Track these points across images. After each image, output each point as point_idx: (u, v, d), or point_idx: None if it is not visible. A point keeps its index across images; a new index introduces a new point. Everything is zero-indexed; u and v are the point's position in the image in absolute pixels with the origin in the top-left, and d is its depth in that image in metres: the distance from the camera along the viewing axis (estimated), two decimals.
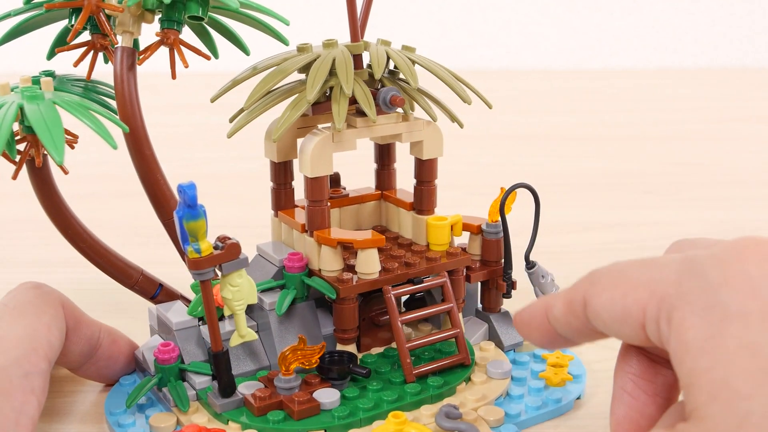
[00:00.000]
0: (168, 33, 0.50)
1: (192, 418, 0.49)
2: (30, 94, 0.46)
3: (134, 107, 0.51)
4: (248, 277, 0.49)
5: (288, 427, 0.47)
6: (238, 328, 0.50)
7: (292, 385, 0.49)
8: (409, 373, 0.51)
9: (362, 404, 0.49)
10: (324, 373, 0.50)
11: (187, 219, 0.44)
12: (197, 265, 0.45)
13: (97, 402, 0.53)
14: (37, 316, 0.47)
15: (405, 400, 0.50)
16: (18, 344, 0.44)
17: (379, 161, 0.60)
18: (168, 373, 0.50)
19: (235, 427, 0.48)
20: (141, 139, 0.51)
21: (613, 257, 0.78)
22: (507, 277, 0.57)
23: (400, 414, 0.46)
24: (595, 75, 1.66)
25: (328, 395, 0.49)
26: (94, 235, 0.55)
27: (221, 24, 0.55)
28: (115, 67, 0.51)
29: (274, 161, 0.56)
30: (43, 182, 0.52)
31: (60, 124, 0.44)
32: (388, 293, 0.51)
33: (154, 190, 0.53)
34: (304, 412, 0.48)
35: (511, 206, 0.57)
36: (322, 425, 0.48)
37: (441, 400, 0.50)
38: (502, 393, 0.52)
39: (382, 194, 0.61)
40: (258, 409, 0.48)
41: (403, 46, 0.55)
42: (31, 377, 0.43)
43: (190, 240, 0.45)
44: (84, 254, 0.55)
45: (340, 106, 0.50)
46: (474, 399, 0.50)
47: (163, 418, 0.49)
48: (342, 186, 0.61)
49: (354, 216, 0.60)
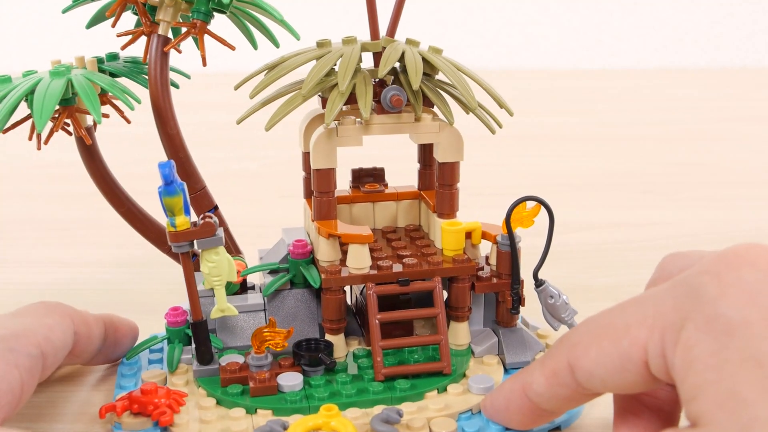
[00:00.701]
0: (195, 23, 0.53)
1: (173, 379, 0.52)
2: (54, 71, 0.52)
3: (165, 91, 0.55)
4: (227, 255, 0.51)
5: (240, 402, 0.49)
6: (218, 303, 0.52)
7: (262, 364, 0.50)
8: (378, 371, 0.51)
9: (318, 393, 0.49)
10: (297, 358, 0.51)
11: (165, 195, 0.47)
12: (174, 238, 0.49)
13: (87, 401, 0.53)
14: (38, 318, 0.47)
15: (362, 397, 0.49)
16: (7, 326, 0.45)
17: (422, 161, 0.60)
18: (174, 335, 0.53)
19: (201, 393, 0.51)
20: (167, 118, 0.55)
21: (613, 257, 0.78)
22: (514, 292, 0.54)
23: (333, 407, 0.47)
24: (595, 75, 1.66)
25: (290, 379, 0.50)
26: (134, 201, 0.59)
27: (251, 15, 0.57)
28: (150, 52, 0.55)
29: (303, 152, 0.57)
30: (89, 151, 0.57)
31: (54, 99, 0.50)
32: (370, 289, 0.51)
33: (183, 165, 0.56)
34: (258, 390, 0.49)
35: (533, 220, 0.54)
36: (271, 405, 0.49)
37: (402, 403, 0.49)
38: (472, 408, 0.49)
39: (420, 194, 0.60)
40: (223, 380, 0.51)
41: (430, 47, 0.54)
42: (15, 353, 0.43)
43: (168, 215, 0.48)
44: (124, 217, 0.59)
45: (334, 102, 0.51)
46: (435, 408, 0.49)
47: (154, 373, 0.53)
48: (385, 182, 0.61)
49: (389, 212, 0.61)
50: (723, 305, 0.34)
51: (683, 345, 0.35)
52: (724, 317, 0.34)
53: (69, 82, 0.51)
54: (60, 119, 0.53)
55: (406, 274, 0.53)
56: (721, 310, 0.34)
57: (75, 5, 0.56)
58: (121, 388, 0.52)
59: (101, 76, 0.53)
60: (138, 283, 0.70)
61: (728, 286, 0.35)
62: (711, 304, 0.34)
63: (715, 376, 0.33)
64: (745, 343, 0.33)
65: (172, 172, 0.47)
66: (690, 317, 0.35)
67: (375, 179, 0.61)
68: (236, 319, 0.54)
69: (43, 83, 0.50)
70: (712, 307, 0.34)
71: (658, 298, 0.38)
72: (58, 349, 0.47)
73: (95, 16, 0.57)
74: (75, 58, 0.55)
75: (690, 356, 0.34)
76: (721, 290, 0.35)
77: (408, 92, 0.53)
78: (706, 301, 0.35)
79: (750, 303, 0.34)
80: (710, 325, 0.34)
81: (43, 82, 0.51)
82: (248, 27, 0.57)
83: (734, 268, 0.35)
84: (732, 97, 1.49)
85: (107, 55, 0.58)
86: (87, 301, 0.65)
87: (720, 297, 0.34)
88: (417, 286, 0.52)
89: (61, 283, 0.71)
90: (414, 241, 0.58)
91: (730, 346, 0.33)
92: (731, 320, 0.34)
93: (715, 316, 0.34)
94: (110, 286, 0.70)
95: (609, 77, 1.64)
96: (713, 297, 0.35)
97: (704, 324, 0.34)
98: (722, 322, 0.34)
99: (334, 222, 0.53)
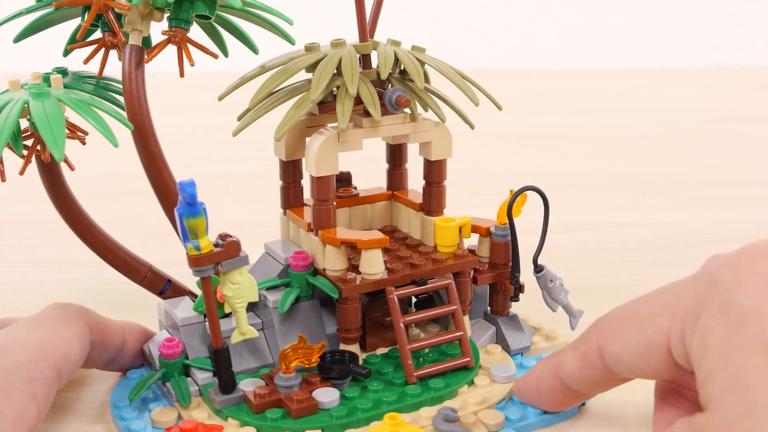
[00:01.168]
0: (176, 31, 0.51)
1: (192, 414, 0.49)
2: (36, 92, 0.46)
3: (141, 104, 0.51)
4: (249, 275, 0.49)
5: (285, 426, 0.47)
6: (239, 326, 0.50)
7: (292, 384, 0.49)
8: (410, 374, 0.51)
9: (361, 404, 0.49)
10: (325, 372, 0.50)
11: (187, 216, 0.44)
12: (197, 262, 0.46)
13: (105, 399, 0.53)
14: (56, 330, 0.47)
15: (404, 402, 0.49)
16: (26, 349, 0.44)
17: (391, 161, 0.60)
18: (172, 368, 0.50)
19: (234, 424, 0.48)
20: (148, 136, 0.52)
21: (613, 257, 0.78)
22: (514, 281, 0.56)
23: (397, 415, 0.46)
24: (595, 75, 1.66)
25: (328, 395, 0.49)
26: (103, 231, 0.56)
27: (230, 23, 0.55)
28: (123, 64, 0.51)
29: (282, 160, 0.56)
30: (53, 178, 0.53)
31: (62, 121, 0.45)
32: (391, 294, 0.51)
33: (161, 186, 0.54)
34: (301, 411, 0.48)
35: (521, 209, 0.56)
36: (319, 424, 0.48)
37: (441, 403, 0.50)
38: (504, 397, 0.51)
39: (393, 194, 0.61)
40: (257, 406, 0.48)
41: (413, 47, 0.55)
42: (34, 383, 0.43)
43: (190, 237, 0.45)
44: (93, 249, 0.55)
45: (345, 106, 0.50)
46: (475, 402, 0.50)
47: (164, 412, 0.49)
48: (353, 185, 0.61)
49: (364, 216, 0.60)
50: (738, 295, 0.35)
51: (700, 332, 0.36)
52: (738, 306, 0.35)
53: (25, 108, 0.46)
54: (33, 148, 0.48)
55: (418, 274, 0.53)
56: (735, 299, 0.35)
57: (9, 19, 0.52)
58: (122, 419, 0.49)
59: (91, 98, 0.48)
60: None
61: (745, 276, 0.36)
62: (727, 293, 0.36)
63: (725, 362, 0.34)
64: (756, 330, 0.34)
65: (195, 193, 0.44)
66: (706, 306, 0.36)
67: (344, 183, 0.60)
68: (235, 343, 0.52)
69: (36, 108, 0.45)
70: (727, 296, 0.36)
71: (681, 289, 0.39)
72: (74, 365, 0.47)
73: (27, 29, 0.53)
74: (32, 75, 0.49)
75: (705, 342, 0.36)
76: (738, 280, 0.36)
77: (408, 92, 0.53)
78: (722, 291, 0.36)
79: (763, 293, 0.35)
80: (724, 313, 0.35)
81: (36, 107, 0.46)
82: (221, 34, 0.56)
83: (752, 260, 0.37)
84: (732, 97, 1.49)
85: (56, 70, 0.53)
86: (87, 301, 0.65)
87: (736, 287, 0.36)
88: (433, 284, 0.53)
89: (61, 283, 0.71)
90: (403, 242, 0.58)
91: (740, 333, 0.34)
92: (743, 308, 0.35)
93: (729, 304, 0.35)
94: (110, 286, 0.70)
95: (609, 77, 1.64)
96: (729, 287, 0.36)
97: (719, 312, 0.36)
98: (735, 311, 0.35)
99: (334, 230, 0.53)
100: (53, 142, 0.44)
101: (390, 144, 0.60)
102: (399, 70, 0.55)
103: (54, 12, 0.52)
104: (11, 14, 0.52)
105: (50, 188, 0.53)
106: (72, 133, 0.50)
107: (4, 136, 0.44)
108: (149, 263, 0.58)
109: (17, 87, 0.49)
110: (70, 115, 0.49)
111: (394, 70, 0.54)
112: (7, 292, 0.69)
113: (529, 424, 0.50)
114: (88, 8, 0.50)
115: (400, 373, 0.52)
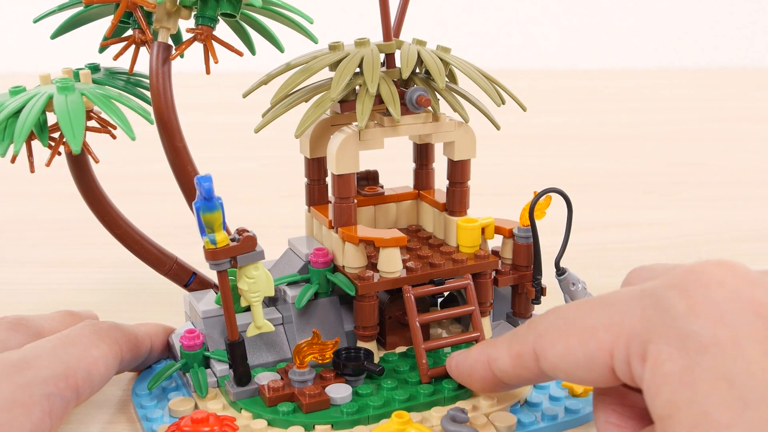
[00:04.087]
0: (202, 29, 0.52)
1: (208, 404, 0.50)
2: (62, 86, 0.48)
3: (168, 101, 0.52)
4: (265, 269, 0.50)
5: (296, 420, 0.48)
6: (255, 320, 0.51)
7: (306, 378, 0.49)
8: (424, 373, 0.51)
9: (372, 402, 0.49)
10: (339, 368, 0.51)
11: (204, 211, 0.46)
12: (213, 255, 0.47)
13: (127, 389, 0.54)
14: (85, 349, 0.47)
15: (416, 401, 0.49)
16: (50, 365, 0.44)
17: (418, 161, 0.60)
18: (192, 359, 0.51)
19: (247, 416, 0.49)
20: (173, 131, 0.53)
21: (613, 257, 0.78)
22: (536, 283, 0.56)
23: (404, 414, 0.46)
24: (595, 75, 1.66)
25: (340, 390, 0.49)
26: (130, 223, 0.57)
27: (256, 21, 0.56)
28: (150, 61, 0.52)
29: (307, 157, 0.57)
30: (81, 170, 0.54)
31: (81, 115, 0.47)
32: (408, 293, 0.51)
33: (185, 181, 0.55)
34: (312, 406, 0.48)
35: (545, 211, 0.56)
36: (329, 419, 0.48)
37: (454, 403, 0.50)
38: (519, 399, 0.51)
39: (419, 194, 0.60)
40: (269, 399, 0.49)
41: (438, 46, 0.55)
42: (52, 398, 0.43)
43: (207, 231, 0.46)
44: (120, 240, 0.57)
45: (364, 105, 0.50)
46: (488, 404, 0.50)
47: (182, 402, 0.50)
48: (380, 184, 0.61)
49: (389, 214, 0.60)
50: (694, 324, 0.34)
51: (653, 359, 0.35)
52: (696, 334, 0.34)
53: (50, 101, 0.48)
54: (59, 141, 0.50)
55: (436, 274, 0.53)
56: (692, 327, 0.34)
57: (46, 15, 0.54)
58: (149, 420, 0.49)
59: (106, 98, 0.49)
60: (138, 283, 0.70)
61: (698, 304, 0.35)
62: (682, 320, 0.35)
63: (689, 396, 0.33)
64: (717, 362, 0.33)
65: (212, 187, 0.45)
66: (659, 332, 0.36)
67: (371, 182, 0.61)
68: (253, 337, 0.53)
69: (59, 101, 0.47)
70: (682, 323, 0.35)
71: (625, 304, 0.38)
72: (96, 384, 0.47)
73: (63, 26, 0.54)
74: (62, 70, 0.52)
75: (661, 371, 0.35)
76: (691, 308, 0.35)
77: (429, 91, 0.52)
78: (675, 317, 0.35)
79: (719, 323, 0.34)
80: (681, 342, 0.35)
81: (59, 100, 0.48)
82: (248, 32, 0.56)
83: (702, 285, 0.36)
84: (732, 97, 1.49)
85: (88, 66, 0.55)
86: (87, 301, 0.65)
87: (690, 315, 0.35)
88: (450, 284, 0.53)
89: (61, 283, 0.71)
90: (426, 241, 0.58)
91: (702, 364, 0.34)
92: (702, 338, 0.34)
93: (686, 333, 0.34)
94: (110, 286, 0.70)
95: (609, 77, 1.64)
96: (683, 314, 0.35)
97: (675, 340, 0.35)
98: (694, 340, 0.34)
99: (355, 227, 0.53)
100: (71, 134, 0.46)
101: (417, 143, 0.59)
102: (425, 70, 0.55)
103: (86, 10, 0.53)
104: (45, 12, 0.54)
105: (79, 181, 0.55)
106: (102, 128, 0.52)
107: (27, 127, 0.46)
108: (174, 255, 0.59)
109: (47, 81, 0.51)
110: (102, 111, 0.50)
111: (421, 70, 0.54)
112: (7, 292, 0.69)
113: (540, 429, 0.49)
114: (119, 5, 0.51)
115: (415, 372, 0.52)
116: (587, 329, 0.39)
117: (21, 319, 0.51)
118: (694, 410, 0.33)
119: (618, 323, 0.38)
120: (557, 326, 0.41)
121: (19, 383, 0.42)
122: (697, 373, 0.34)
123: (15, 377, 0.42)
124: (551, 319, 0.42)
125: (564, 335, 0.40)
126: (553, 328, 0.41)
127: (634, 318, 0.37)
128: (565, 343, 0.40)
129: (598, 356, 0.38)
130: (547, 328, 0.42)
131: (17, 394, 0.42)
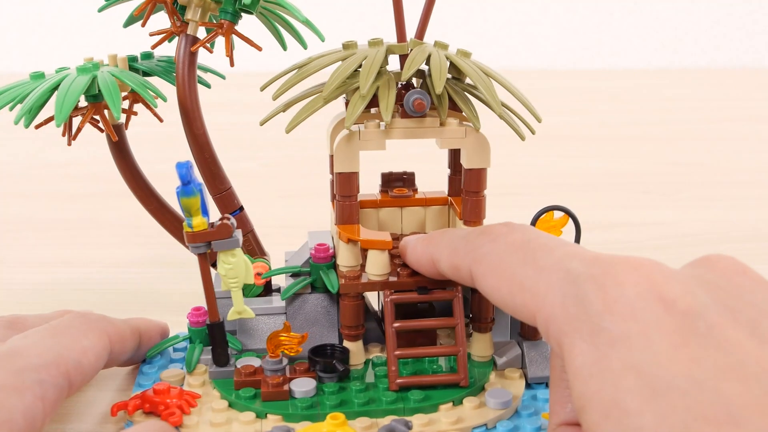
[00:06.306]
0: (222, 23, 0.53)
1: (189, 379, 0.52)
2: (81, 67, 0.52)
3: (192, 91, 0.55)
4: (244, 257, 0.51)
5: (250, 405, 0.49)
6: (235, 304, 0.52)
7: (276, 368, 0.50)
8: (392, 381, 0.50)
9: (328, 400, 0.49)
10: (312, 364, 0.51)
11: (182, 195, 0.48)
12: (191, 238, 0.49)
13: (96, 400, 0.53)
14: (74, 338, 0.47)
15: (374, 406, 0.49)
16: (40, 354, 0.45)
17: (452, 167, 0.59)
18: (197, 335, 0.53)
19: (215, 395, 0.50)
20: (195, 120, 0.56)
21: None
22: None
23: (339, 416, 0.46)
24: (595, 75, 1.66)
25: (303, 385, 0.49)
26: (163, 200, 0.59)
27: (279, 16, 0.56)
28: (177, 52, 0.55)
29: (331, 155, 0.56)
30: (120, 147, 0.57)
31: (116, 85, 0.51)
32: (387, 297, 0.51)
33: (207, 165, 0.56)
34: (270, 395, 0.49)
35: (561, 230, 0.54)
36: (281, 411, 0.48)
37: (413, 414, 0.49)
38: (487, 422, 0.48)
39: (450, 200, 0.59)
40: (236, 383, 0.50)
41: (459, 50, 0.53)
42: (44, 385, 0.43)
43: (185, 215, 0.49)
44: (152, 215, 0.59)
45: (355, 105, 0.50)
46: (447, 422, 0.48)
47: (173, 373, 0.53)
48: (414, 187, 0.60)
49: (417, 218, 0.60)
50: (607, 320, 0.36)
51: (567, 353, 0.37)
52: (607, 330, 0.35)
53: (94, 79, 0.51)
54: (87, 115, 0.53)
55: (426, 282, 0.51)
56: (605, 324, 0.36)
57: (109, 4, 0.56)
58: (139, 386, 0.52)
59: (128, 74, 0.53)
60: (137, 283, 0.70)
61: (612, 301, 0.36)
62: (597, 316, 0.36)
63: (598, 385, 0.34)
64: (625, 354, 0.34)
65: (189, 172, 0.47)
66: (574, 326, 0.37)
67: (405, 184, 0.60)
68: (256, 322, 0.54)
69: (68, 79, 0.51)
70: (597, 319, 0.36)
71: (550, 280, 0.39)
72: (87, 374, 0.47)
73: (132, 15, 0.57)
74: (108, 55, 0.56)
75: (573, 366, 0.36)
76: (605, 304, 0.36)
77: (434, 96, 0.51)
78: (591, 313, 0.36)
79: (631, 319, 0.35)
80: (594, 336, 0.36)
81: (69, 78, 0.51)
82: (278, 28, 0.57)
83: (619, 284, 0.37)
84: (732, 97, 1.49)
85: (142, 54, 0.58)
86: (87, 301, 0.65)
87: (604, 311, 0.36)
88: (436, 295, 0.51)
89: (61, 283, 0.71)
90: None
91: (611, 355, 0.35)
92: (613, 333, 0.35)
93: (599, 329, 0.36)
94: (110, 285, 0.70)
95: (609, 77, 1.64)
96: (597, 311, 0.36)
97: (588, 335, 0.36)
98: (605, 335, 0.35)
99: (356, 226, 0.53)
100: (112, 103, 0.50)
101: (450, 150, 0.58)
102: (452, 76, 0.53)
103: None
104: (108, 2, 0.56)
105: (116, 152, 0.57)
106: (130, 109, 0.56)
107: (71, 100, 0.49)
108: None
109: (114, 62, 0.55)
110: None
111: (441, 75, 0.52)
112: (7, 292, 0.69)
113: None
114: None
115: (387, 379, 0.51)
116: (516, 282, 0.41)
117: (18, 318, 0.51)
118: (604, 399, 0.34)
119: (541, 296, 0.39)
120: (491, 262, 0.43)
121: (10, 370, 0.42)
122: (606, 364, 0.35)
123: (5, 364, 0.43)
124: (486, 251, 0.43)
125: (496, 275, 0.42)
126: (486, 262, 0.43)
127: (555, 303, 0.38)
128: (496, 283, 0.42)
129: (523, 311, 0.40)
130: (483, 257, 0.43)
131: (8, 379, 0.42)
